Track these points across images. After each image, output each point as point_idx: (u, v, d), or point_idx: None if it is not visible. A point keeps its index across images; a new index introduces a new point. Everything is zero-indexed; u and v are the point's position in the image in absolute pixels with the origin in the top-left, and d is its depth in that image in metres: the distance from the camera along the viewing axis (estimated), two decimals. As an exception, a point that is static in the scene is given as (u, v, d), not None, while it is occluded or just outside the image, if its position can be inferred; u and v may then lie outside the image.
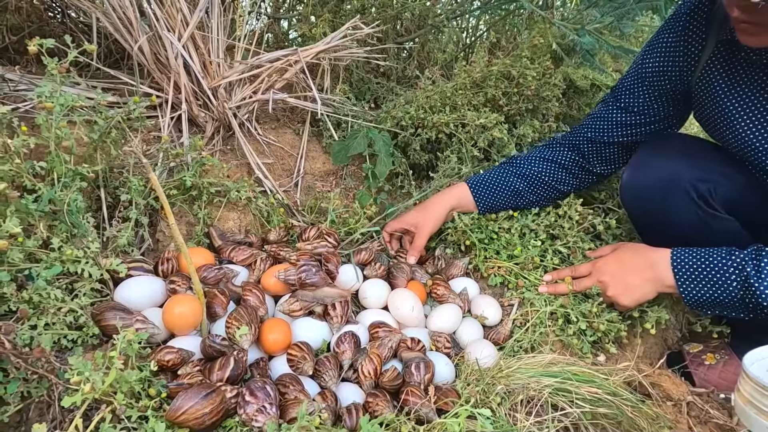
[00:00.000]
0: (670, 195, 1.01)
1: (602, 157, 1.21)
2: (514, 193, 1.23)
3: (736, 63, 0.95)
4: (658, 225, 1.09)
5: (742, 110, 0.95)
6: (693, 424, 1.05)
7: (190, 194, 1.16)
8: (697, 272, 0.96)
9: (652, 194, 1.05)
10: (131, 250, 1.03)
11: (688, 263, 0.97)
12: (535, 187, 1.23)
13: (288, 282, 0.98)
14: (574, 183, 1.24)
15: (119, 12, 1.26)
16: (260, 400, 0.73)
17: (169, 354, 0.79)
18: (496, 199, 1.24)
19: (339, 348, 0.93)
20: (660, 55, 1.06)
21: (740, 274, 0.91)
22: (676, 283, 0.98)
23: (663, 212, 1.05)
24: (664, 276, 1.00)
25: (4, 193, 0.78)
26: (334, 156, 1.39)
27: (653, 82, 1.09)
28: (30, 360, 0.63)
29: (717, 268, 0.94)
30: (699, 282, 0.96)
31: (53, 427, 0.67)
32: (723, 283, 0.93)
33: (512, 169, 1.23)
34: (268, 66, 1.40)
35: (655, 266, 1.01)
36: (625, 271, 1.04)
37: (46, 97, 0.87)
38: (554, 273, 1.15)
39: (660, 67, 1.07)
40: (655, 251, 1.02)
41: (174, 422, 0.68)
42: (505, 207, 1.26)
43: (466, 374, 0.96)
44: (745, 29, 0.83)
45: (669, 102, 1.10)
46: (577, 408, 0.85)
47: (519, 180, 1.22)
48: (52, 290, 0.77)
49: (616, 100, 1.15)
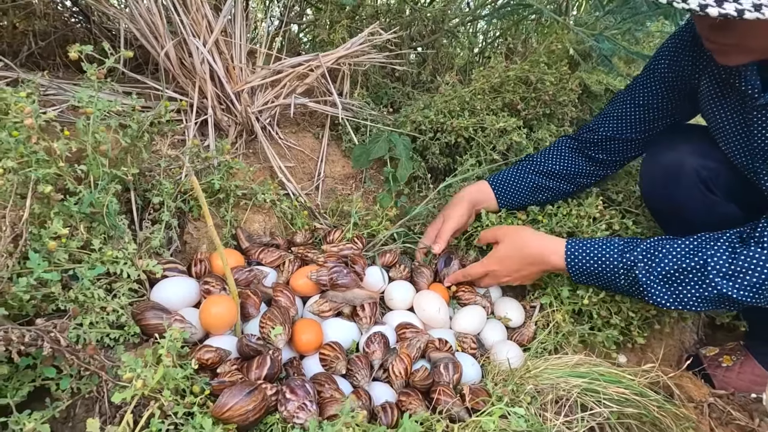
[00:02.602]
0: (678, 181, 1.05)
1: (616, 153, 1.24)
2: (533, 188, 1.27)
3: (722, 81, 0.99)
4: (670, 210, 1.13)
5: (727, 125, 0.99)
6: (714, 426, 1.06)
7: (217, 197, 1.18)
8: (589, 271, 1.03)
9: (663, 181, 1.09)
10: (162, 252, 1.05)
11: (580, 262, 1.03)
12: (553, 182, 1.27)
13: (320, 282, 1.00)
14: (589, 178, 1.28)
15: (146, 18, 1.29)
16: (300, 397, 0.75)
17: (208, 353, 0.81)
18: (515, 195, 1.28)
19: (369, 348, 0.95)
20: (673, 56, 1.10)
21: (628, 275, 0.97)
22: (569, 275, 1.07)
23: (672, 198, 1.09)
24: (557, 268, 1.08)
25: (49, 196, 0.80)
26: (355, 159, 1.41)
27: (667, 80, 1.13)
28: (82, 356, 0.65)
29: (608, 270, 1.00)
30: (590, 278, 1.04)
31: (103, 423, 0.69)
32: (612, 282, 1.01)
33: (531, 166, 1.27)
34: (289, 71, 1.42)
35: (547, 262, 1.08)
36: (515, 265, 1.11)
37: (86, 103, 0.90)
38: (451, 277, 1.21)
39: (673, 67, 1.10)
40: (546, 248, 1.07)
41: (220, 418, 0.69)
42: (525, 203, 1.29)
43: (493, 374, 0.97)
44: (717, 50, 0.86)
45: (682, 98, 1.13)
46: (605, 408, 0.87)
47: (538, 176, 1.26)
48: (95, 290, 0.79)
49: (632, 98, 1.18)
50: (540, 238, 1.10)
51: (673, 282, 0.93)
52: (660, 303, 0.94)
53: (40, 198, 0.81)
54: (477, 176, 1.37)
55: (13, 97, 0.80)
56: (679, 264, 0.91)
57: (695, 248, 0.92)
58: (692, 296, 0.91)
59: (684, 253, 0.92)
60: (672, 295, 0.93)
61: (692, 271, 0.90)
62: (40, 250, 0.74)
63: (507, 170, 1.30)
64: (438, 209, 1.35)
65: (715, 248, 0.90)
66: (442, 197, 1.39)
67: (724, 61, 0.88)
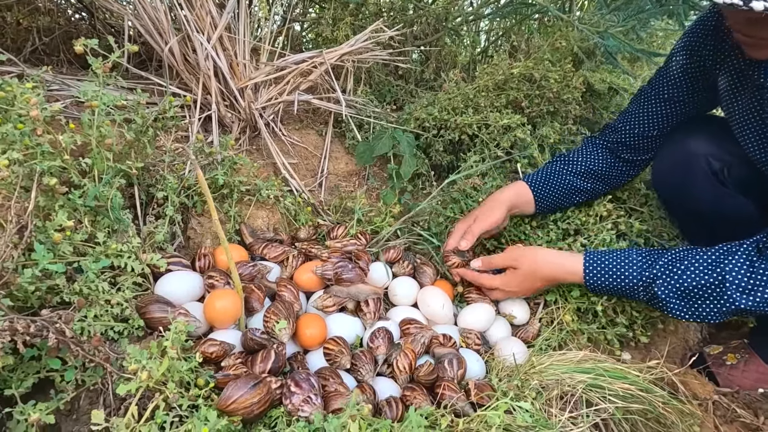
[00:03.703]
0: (688, 172, 1.05)
1: (644, 151, 1.22)
2: (569, 190, 1.22)
3: (742, 72, 0.98)
4: (679, 201, 1.12)
5: (743, 119, 0.98)
6: (719, 423, 1.06)
7: (221, 192, 1.18)
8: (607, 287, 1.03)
9: (673, 171, 1.09)
10: (166, 247, 1.05)
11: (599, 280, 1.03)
12: (589, 183, 1.23)
13: (325, 277, 1.00)
14: (622, 178, 1.26)
15: (150, 14, 1.29)
16: (305, 390, 0.75)
17: (212, 346, 0.80)
18: (553, 197, 1.23)
19: (373, 343, 0.94)
20: (694, 48, 1.08)
21: (647, 290, 0.98)
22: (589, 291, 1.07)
23: (682, 188, 1.09)
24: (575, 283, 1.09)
25: (54, 189, 0.80)
26: (359, 156, 1.41)
27: (689, 72, 1.11)
28: (87, 348, 0.65)
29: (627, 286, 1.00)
30: (609, 292, 1.04)
31: (107, 414, 0.69)
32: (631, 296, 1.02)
33: (565, 167, 1.23)
34: (293, 68, 1.42)
35: (564, 281, 1.08)
36: (531, 286, 1.11)
37: (90, 96, 0.89)
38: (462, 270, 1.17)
39: (694, 58, 1.09)
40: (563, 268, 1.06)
41: (224, 411, 0.69)
42: (561, 205, 1.25)
43: (497, 370, 0.97)
44: (751, 44, 0.85)
45: (704, 89, 1.12)
46: (610, 404, 0.87)
47: (574, 177, 1.22)
48: (99, 283, 0.79)
49: (656, 93, 1.16)
50: (556, 259, 1.07)
51: (691, 297, 0.93)
52: (678, 316, 0.95)
53: (45, 190, 0.81)
54: (480, 173, 1.37)
55: (19, 89, 0.80)
56: (698, 281, 0.92)
57: (713, 263, 0.91)
58: (710, 310, 0.92)
59: (702, 268, 0.92)
60: (690, 309, 0.94)
61: (710, 287, 0.91)
62: (44, 242, 0.74)
63: (542, 170, 1.25)
64: (442, 206, 1.35)
65: (732, 262, 0.89)
66: (445, 194, 1.39)
67: (757, 55, 0.87)
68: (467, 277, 1.17)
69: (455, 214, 1.30)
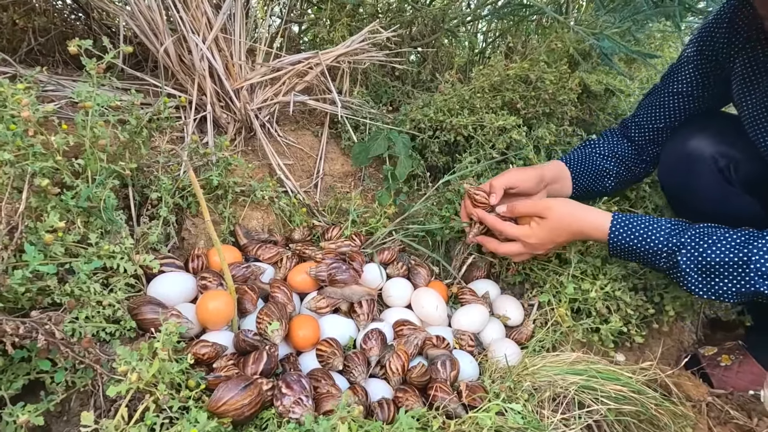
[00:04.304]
0: (695, 167, 1.04)
1: (653, 141, 1.21)
2: (601, 172, 1.21)
3: (758, 63, 0.97)
4: (685, 197, 1.11)
5: (756, 111, 0.97)
6: (713, 425, 1.06)
7: (216, 193, 1.18)
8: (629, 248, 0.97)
9: (680, 166, 1.08)
10: (160, 248, 1.05)
11: (624, 239, 0.97)
12: (615, 165, 1.22)
13: (319, 278, 1.00)
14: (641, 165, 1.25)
15: (146, 14, 1.28)
16: (296, 392, 0.74)
17: (204, 348, 0.80)
18: (587, 177, 1.21)
19: (366, 345, 0.94)
20: (706, 40, 1.08)
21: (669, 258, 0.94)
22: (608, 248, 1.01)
23: (688, 185, 1.08)
24: (594, 240, 1.03)
25: (46, 189, 0.80)
26: (355, 157, 1.41)
27: (701, 67, 1.11)
28: (77, 350, 0.65)
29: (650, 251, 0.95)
30: (628, 255, 0.99)
31: (98, 416, 0.69)
32: (650, 262, 0.97)
33: (592, 150, 1.22)
34: (289, 68, 1.42)
35: (587, 236, 1.02)
36: (554, 240, 1.03)
37: (84, 97, 0.89)
38: (482, 214, 1.10)
39: (705, 52, 1.09)
40: (590, 223, 1.00)
41: (215, 412, 0.69)
42: (594, 189, 1.23)
43: (490, 372, 0.97)
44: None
45: (717, 84, 1.11)
46: (603, 405, 0.87)
47: (602, 159, 1.21)
48: (91, 284, 0.79)
49: (666, 87, 1.17)
50: (584, 212, 1.01)
51: (712, 273, 0.90)
52: (693, 291, 0.92)
53: (36, 191, 0.81)
54: (476, 174, 1.37)
55: (10, 89, 0.80)
56: (722, 257, 0.89)
57: (741, 243, 0.89)
58: (728, 290, 0.89)
59: (729, 246, 0.89)
60: (707, 285, 0.91)
61: (734, 266, 0.88)
62: (36, 243, 0.74)
63: (572, 152, 1.24)
64: (437, 207, 1.35)
65: (758, 246, 0.87)
66: (440, 195, 1.39)
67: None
68: (487, 221, 1.08)
69: (449, 214, 1.30)
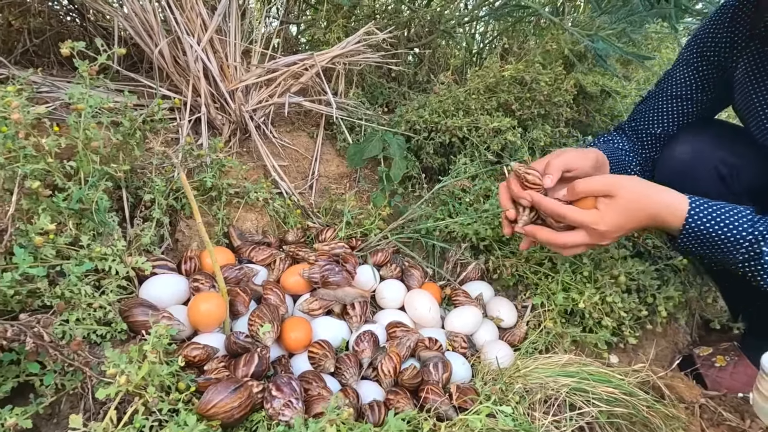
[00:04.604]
0: (695, 176, 1.02)
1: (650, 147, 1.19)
2: (624, 167, 1.14)
3: (765, 58, 0.96)
4: None
5: (761, 110, 0.96)
6: (705, 427, 1.06)
7: (210, 195, 1.18)
8: (705, 237, 0.86)
9: (679, 174, 1.06)
10: (153, 249, 1.05)
11: (702, 226, 0.85)
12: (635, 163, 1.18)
13: (311, 280, 1.00)
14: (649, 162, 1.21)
15: (141, 16, 1.29)
16: (286, 395, 0.75)
17: (195, 350, 0.80)
18: (616, 170, 1.10)
19: (358, 346, 0.94)
20: (706, 41, 1.07)
21: (750, 249, 0.83)
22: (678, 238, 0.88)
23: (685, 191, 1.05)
24: (668, 228, 0.89)
25: (37, 192, 0.80)
26: (350, 159, 1.41)
27: (700, 69, 1.09)
28: (66, 352, 0.65)
29: (731, 239, 0.84)
30: (701, 245, 0.87)
31: (87, 419, 0.69)
32: (727, 252, 0.85)
33: (612, 141, 1.18)
34: (284, 70, 1.42)
35: (662, 222, 0.88)
36: (624, 225, 0.87)
37: (77, 99, 0.89)
38: (538, 198, 0.89)
39: (706, 53, 1.07)
40: (666, 205, 0.87)
41: (204, 415, 0.69)
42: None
43: (483, 374, 0.97)
44: None
45: (716, 87, 1.10)
46: (594, 407, 0.87)
47: (625, 154, 1.17)
48: (82, 286, 0.79)
49: (664, 91, 1.15)
50: (661, 192, 0.87)
51: None
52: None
53: (27, 194, 0.81)
54: (471, 176, 1.37)
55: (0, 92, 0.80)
56: None
57: None
58: None
59: None
60: None
61: None
62: (26, 246, 0.74)
63: (599, 142, 1.17)
64: (432, 209, 1.35)
65: None
66: (436, 197, 1.39)
67: None
68: (545, 205, 0.88)
69: (444, 216, 1.30)
